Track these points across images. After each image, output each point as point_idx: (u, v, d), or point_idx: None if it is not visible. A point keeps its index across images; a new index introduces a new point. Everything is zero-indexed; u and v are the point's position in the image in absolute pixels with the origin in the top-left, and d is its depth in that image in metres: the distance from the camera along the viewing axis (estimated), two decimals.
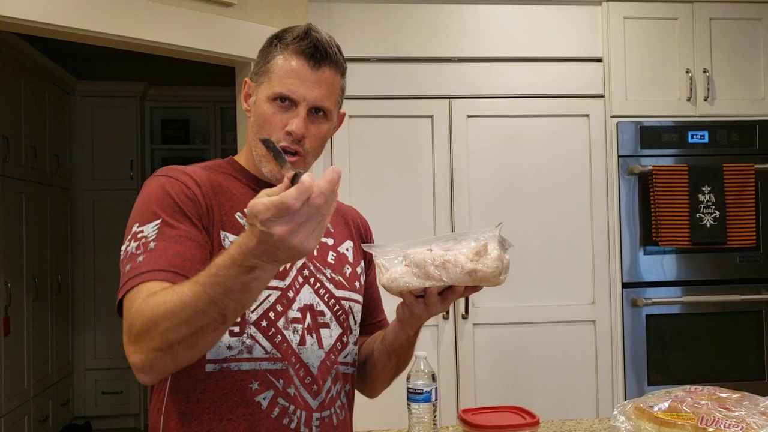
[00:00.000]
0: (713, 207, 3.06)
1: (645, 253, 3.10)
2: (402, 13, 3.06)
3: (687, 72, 3.15)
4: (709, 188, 3.06)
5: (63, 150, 4.83)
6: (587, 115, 3.11)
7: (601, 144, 3.11)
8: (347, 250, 1.43)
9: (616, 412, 1.51)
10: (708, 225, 3.06)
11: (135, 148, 5.12)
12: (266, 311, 1.24)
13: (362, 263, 1.47)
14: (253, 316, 1.23)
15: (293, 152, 1.28)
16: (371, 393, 1.52)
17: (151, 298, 1.08)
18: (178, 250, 1.17)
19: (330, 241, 1.40)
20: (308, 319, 1.29)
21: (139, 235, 1.19)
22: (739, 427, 1.35)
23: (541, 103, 3.10)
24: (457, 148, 3.04)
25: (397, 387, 1.57)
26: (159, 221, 1.19)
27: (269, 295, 1.25)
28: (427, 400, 1.52)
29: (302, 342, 1.27)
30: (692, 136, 3.14)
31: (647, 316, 3.08)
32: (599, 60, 3.15)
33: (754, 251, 3.13)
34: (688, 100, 3.15)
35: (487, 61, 3.09)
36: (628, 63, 3.14)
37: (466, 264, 1.16)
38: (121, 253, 1.21)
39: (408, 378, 1.55)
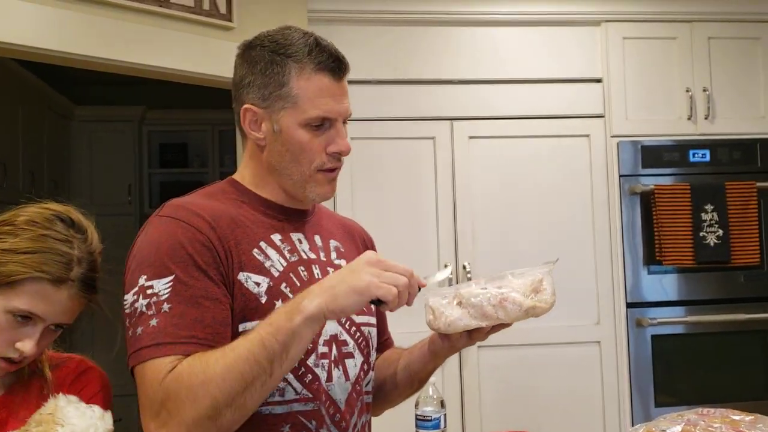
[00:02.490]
0: (716, 226, 3.04)
1: (648, 273, 3.08)
2: (402, 35, 3.06)
3: (687, 91, 3.15)
4: (711, 207, 3.05)
5: (61, 175, 4.81)
6: (588, 135, 3.11)
7: (602, 164, 3.10)
8: None
9: None
10: (712, 244, 3.04)
11: (133, 173, 5.11)
12: None
13: None
14: None
15: (335, 168, 1.27)
16: (378, 412, 1.49)
17: (194, 362, 1.06)
18: (196, 316, 1.11)
19: (343, 263, 1.36)
20: (334, 350, 1.25)
21: (149, 291, 1.11)
22: None
23: (542, 123, 3.09)
24: (460, 169, 3.03)
25: (404, 413, 1.54)
26: (172, 277, 1.12)
27: None
28: (436, 427, 1.50)
29: (329, 378, 1.23)
30: (693, 154, 3.14)
31: (652, 336, 3.06)
32: (599, 80, 3.15)
33: (759, 270, 3.11)
34: (689, 118, 3.15)
35: (487, 83, 3.09)
36: (628, 82, 3.14)
37: (524, 302, 1.15)
38: (126, 305, 1.14)
39: (416, 404, 1.52)
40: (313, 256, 1.30)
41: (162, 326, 1.09)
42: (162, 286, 1.11)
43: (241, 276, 1.17)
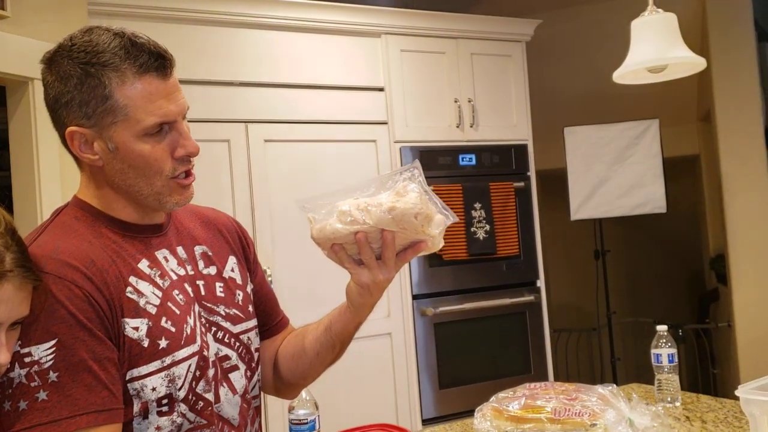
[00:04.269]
0: (484, 222, 3.42)
1: (430, 266, 3.36)
2: (190, 34, 2.98)
3: (455, 101, 3.49)
4: (480, 205, 3.42)
5: None
6: (374, 141, 3.30)
7: (387, 167, 3.31)
8: (232, 270, 1.34)
9: (477, 416, 1.65)
10: (481, 238, 3.41)
11: None
12: (190, 382, 1.15)
13: (248, 276, 1.39)
14: (181, 394, 1.14)
15: (187, 173, 1.19)
16: (295, 393, 1.47)
17: None
18: (89, 381, 1.02)
19: (213, 270, 1.30)
20: (218, 370, 1.22)
21: (27, 360, 1.00)
22: (587, 414, 1.55)
23: (333, 128, 3.22)
24: (257, 172, 3.04)
25: (276, 417, 1.55)
26: (54, 342, 1.01)
27: (190, 365, 1.15)
28: (312, 429, 1.53)
29: (217, 399, 1.20)
30: (462, 159, 3.49)
31: (435, 324, 3.35)
32: (382, 89, 3.35)
33: (517, 259, 3.56)
34: (458, 126, 3.50)
35: (281, 87, 3.13)
36: (407, 92, 3.39)
37: (385, 203, 1.14)
38: None
39: (290, 409, 1.54)
40: (182, 272, 1.23)
41: (55, 399, 1.00)
42: (43, 352, 1.01)
43: (122, 323, 1.10)
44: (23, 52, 2.53)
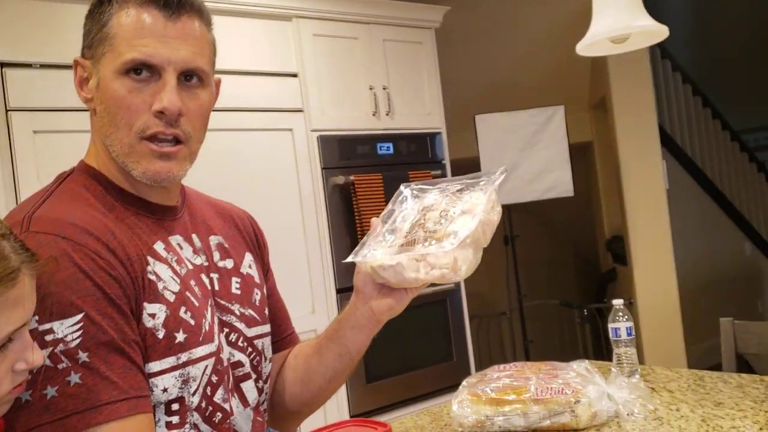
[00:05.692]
0: None
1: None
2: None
3: (371, 89, 3.41)
4: None
5: None
6: (291, 129, 3.16)
7: (305, 157, 3.18)
8: (250, 267, 1.19)
9: (454, 403, 1.59)
10: None
11: None
12: (204, 388, 1.00)
13: (262, 275, 1.24)
14: (195, 400, 0.98)
15: (171, 139, 1.00)
16: (295, 423, 1.30)
17: None
18: (123, 363, 0.87)
19: (229, 264, 1.15)
20: (230, 378, 1.07)
21: (49, 338, 0.84)
22: (571, 391, 1.52)
23: (248, 117, 3.04)
24: None
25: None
26: (81, 316, 0.86)
27: (206, 367, 1.00)
28: None
29: (231, 410, 1.05)
30: (380, 147, 3.41)
31: None
32: (295, 75, 3.22)
33: None
34: (374, 114, 3.42)
35: None
36: (322, 79, 3.27)
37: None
38: None
39: None
40: (198, 261, 1.08)
41: (90, 383, 0.84)
42: (68, 329, 0.85)
43: (143, 306, 0.95)
44: None
